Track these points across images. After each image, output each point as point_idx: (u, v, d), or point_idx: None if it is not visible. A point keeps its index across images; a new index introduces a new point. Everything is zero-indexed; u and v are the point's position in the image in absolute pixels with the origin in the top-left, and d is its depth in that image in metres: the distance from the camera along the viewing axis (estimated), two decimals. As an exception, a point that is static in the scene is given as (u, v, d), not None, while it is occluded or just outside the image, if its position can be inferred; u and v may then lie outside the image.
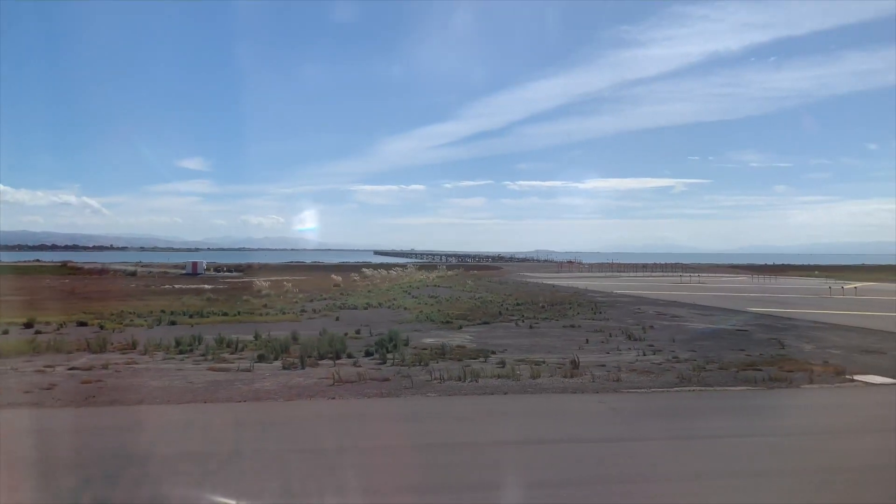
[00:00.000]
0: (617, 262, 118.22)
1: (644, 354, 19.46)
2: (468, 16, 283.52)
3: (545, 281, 60.93)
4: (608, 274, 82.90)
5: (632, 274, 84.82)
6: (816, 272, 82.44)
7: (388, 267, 77.33)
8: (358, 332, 23.40)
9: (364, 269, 66.50)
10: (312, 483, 8.28)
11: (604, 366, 17.64)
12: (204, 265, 76.21)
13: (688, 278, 73.19)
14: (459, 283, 51.86)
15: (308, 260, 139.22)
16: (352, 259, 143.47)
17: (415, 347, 20.17)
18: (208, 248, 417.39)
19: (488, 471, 8.85)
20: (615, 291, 46.30)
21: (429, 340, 21.92)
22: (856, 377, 16.46)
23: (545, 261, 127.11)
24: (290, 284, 46.04)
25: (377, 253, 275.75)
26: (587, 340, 22.16)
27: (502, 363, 17.50)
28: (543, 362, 17.72)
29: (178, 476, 8.33)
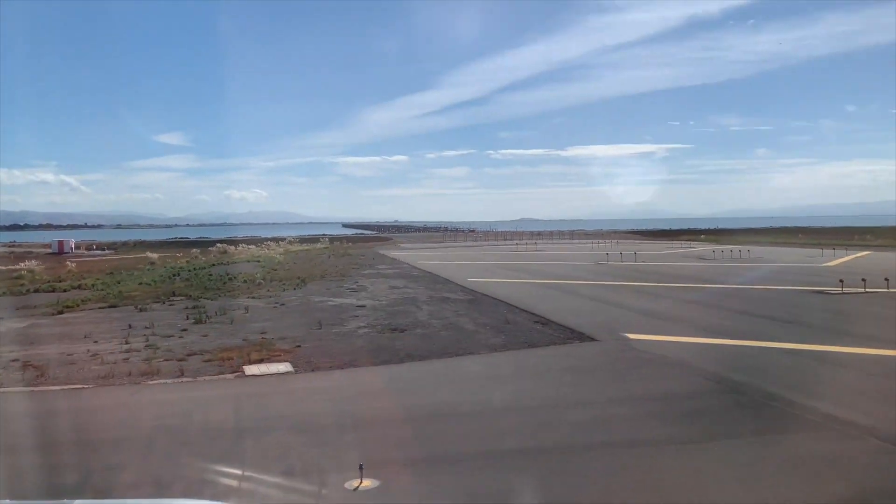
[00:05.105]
0: (527, 230, 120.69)
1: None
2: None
3: (389, 253, 58.82)
4: (475, 244, 78.59)
5: (504, 243, 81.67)
6: (703, 237, 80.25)
7: (259, 242, 74.94)
8: None
9: (218, 245, 64.58)
10: None
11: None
12: (72, 244, 74.26)
13: (541, 246, 69.20)
14: (270, 261, 49.32)
15: (222, 234, 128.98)
16: (310, 232, 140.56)
17: None
18: (188, 225, 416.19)
19: None
20: (415, 263, 43.87)
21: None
22: (250, 367, 14.25)
23: (465, 231, 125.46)
24: (72, 265, 43.88)
25: (345, 226, 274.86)
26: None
27: None
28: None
29: None
